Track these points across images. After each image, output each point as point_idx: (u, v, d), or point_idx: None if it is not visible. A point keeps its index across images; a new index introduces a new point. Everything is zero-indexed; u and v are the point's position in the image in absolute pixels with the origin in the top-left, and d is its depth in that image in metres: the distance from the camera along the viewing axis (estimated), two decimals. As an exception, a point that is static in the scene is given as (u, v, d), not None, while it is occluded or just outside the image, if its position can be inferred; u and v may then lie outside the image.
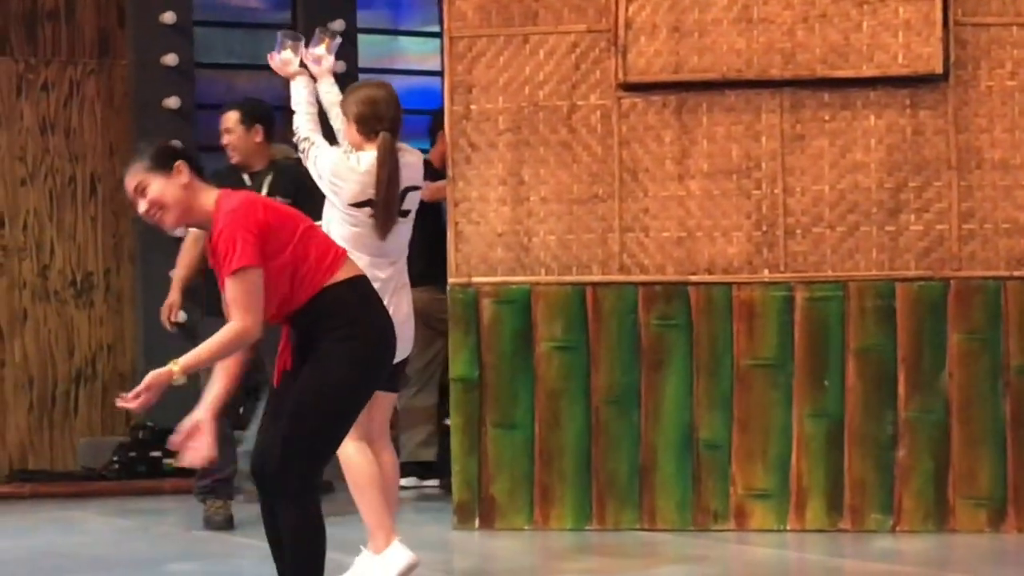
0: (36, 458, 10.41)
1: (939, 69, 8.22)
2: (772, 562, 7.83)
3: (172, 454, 9.91)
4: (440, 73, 9.17)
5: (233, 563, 7.81)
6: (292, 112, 7.13)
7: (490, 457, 8.37)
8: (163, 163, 5.68)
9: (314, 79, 7.24)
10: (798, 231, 8.36)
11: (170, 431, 10.01)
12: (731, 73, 8.35)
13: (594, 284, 8.36)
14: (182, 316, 8.93)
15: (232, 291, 5.54)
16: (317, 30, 7.40)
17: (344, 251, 5.92)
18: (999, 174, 8.26)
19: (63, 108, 10.61)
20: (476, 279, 8.41)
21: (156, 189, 5.66)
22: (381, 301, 5.97)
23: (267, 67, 11.17)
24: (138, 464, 10.11)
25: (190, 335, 8.04)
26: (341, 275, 5.78)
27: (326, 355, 5.70)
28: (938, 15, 8.19)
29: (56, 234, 10.58)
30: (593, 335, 8.37)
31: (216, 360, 5.67)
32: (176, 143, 6.57)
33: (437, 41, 10.93)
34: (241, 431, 9.38)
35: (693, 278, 8.39)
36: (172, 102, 10.77)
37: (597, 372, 8.34)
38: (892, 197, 8.31)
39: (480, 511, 8.43)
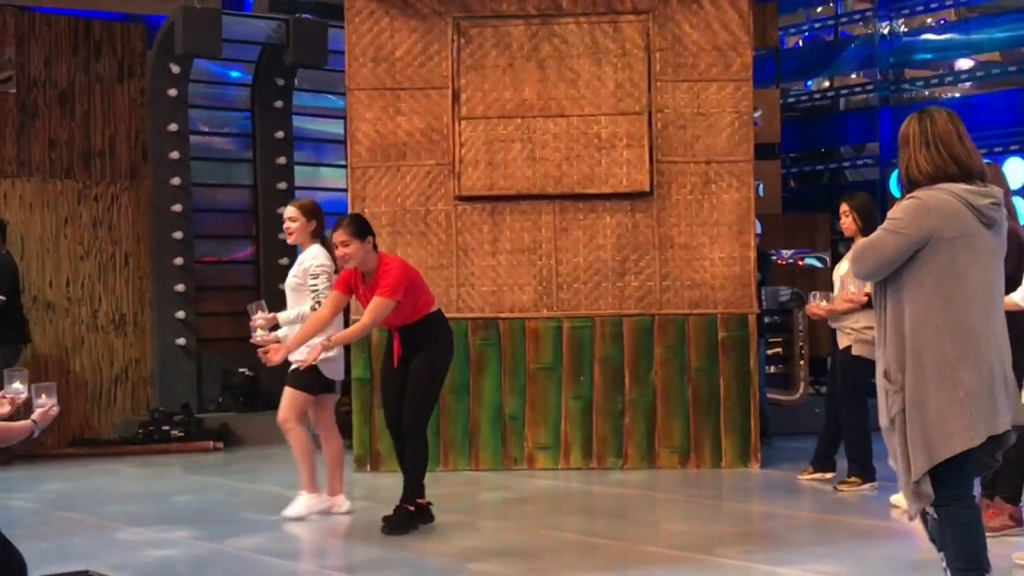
0: (90, 430, 10.24)
1: (647, 188, 8.32)
2: (550, 488, 7.85)
3: (178, 426, 9.95)
4: (345, 190, 9.21)
5: (216, 496, 7.72)
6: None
7: (376, 426, 8.28)
8: (362, 234, 6.27)
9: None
10: (564, 286, 8.40)
11: (175, 414, 10.10)
12: (523, 190, 8.39)
13: (441, 319, 8.41)
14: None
15: (377, 306, 6.23)
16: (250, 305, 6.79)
17: (432, 295, 6.58)
18: (684, 252, 8.35)
19: (107, 211, 10.43)
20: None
21: (353, 248, 6.26)
22: (447, 325, 6.54)
23: (236, 186, 11.23)
24: (154, 434, 9.94)
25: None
26: (434, 308, 6.46)
27: (428, 356, 6.36)
28: (647, 155, 8.30)
29: (103, 290, 10.40)
30: (440, 350, 8.40)
31: (358, 339, 6.84)
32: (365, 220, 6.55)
33: (343, 170, 10.93)
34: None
35: (502, 315, 8.41)
36: (177, 207, 10.62)
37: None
38: (620, 266, 8.38)
39: (370, 460, 8.41)
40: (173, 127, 10.63)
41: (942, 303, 3.84)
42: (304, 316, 6.66)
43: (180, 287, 10.60)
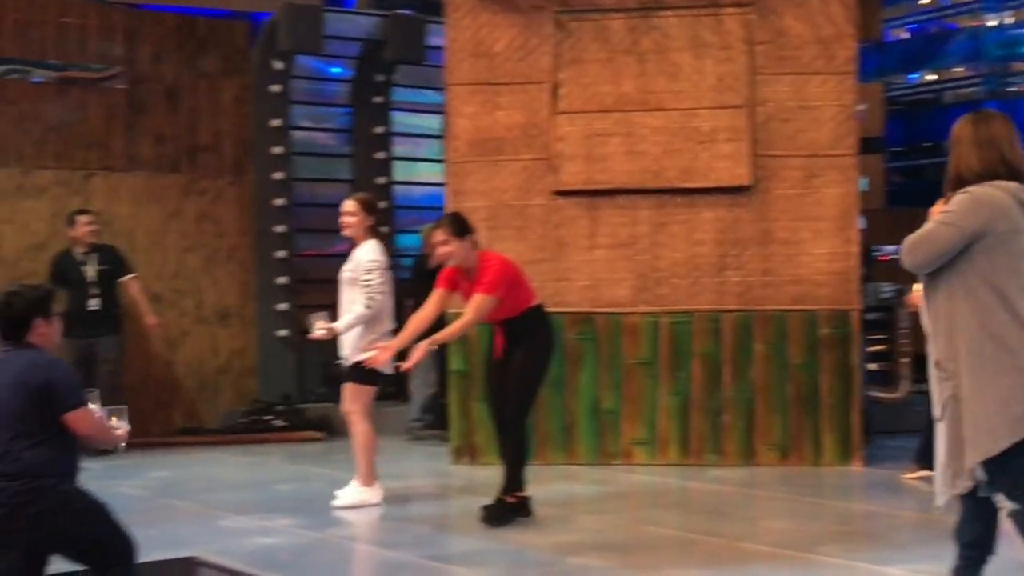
0: (195, 420, 10.41)
1: (748, 182, 8.22)
2: (647, 484, 7.80)
3: (280, 416, 10.10)
4: (443, 184, 9.25)
5: (317, 485, 7.78)
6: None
7: (474, 419, 8.36)
8: (461, 232, 6.30)
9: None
10: (663, 281, 8.33)
11: (276, 404, 10.23)
12: (621, 185, 8.34)
13: (538, 313, 8.39)
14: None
15: (476, 302, 6.22)
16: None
17: (534, 290, 6.54)
18: (784, 247, 8.24)
19: (212, 205, 10.57)
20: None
21: (453, 247, 6.29)
22: (549, 319, 6.53)
23: (336, 180, 11.37)
24: (256, 423, 10.10)
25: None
26: (535, 302, 6.42)
27: (529, 350, 6.34)
28: (747, 149, 8.21)
29: (207, 283, 10.54)
30: (538, 345, 8.39)
31: (453, 339, 6.55)
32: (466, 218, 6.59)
33: (441, 165, 10.97)
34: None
35: (599, 310, 8.37)
36: (280, 201, 10.77)
37: (540, 367, 8.31)
38: (720, 261, 8.29)
39: (468, 452, 8.46)
40: (276, 123, 10.78)
41: (998, 295, 3.93)
42: (361, 318, 6.73)
43: (282, 280, 10.74)
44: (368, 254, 6.82)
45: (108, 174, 10.15)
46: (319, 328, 6.78)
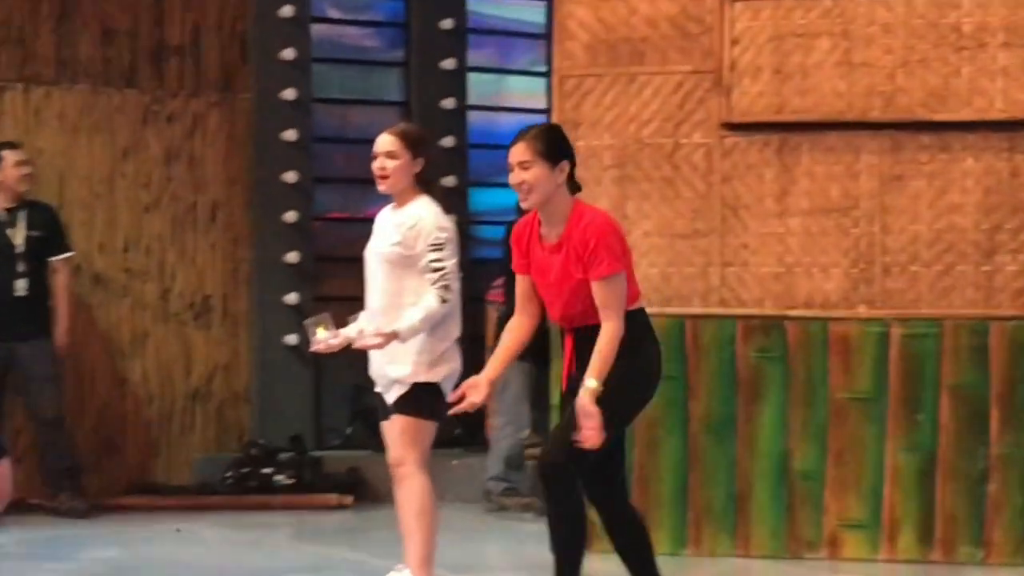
0: (154, 472, 10.44)
1: (1038, 115, 8.15)
2: (864, 591, 7.77)
3: (286, 468, 10.04)
4: (546, 111, 9.09)
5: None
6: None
7: (590, 482, 8.28)
8: (553, 155, 6.12)
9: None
10: (895, 269, 8.25)
11: (280, 449, 10.19)
12: (832, 115, 8.28)
13: (694, 316, 8.22)
14: None
15: (605, 292, 6.01)
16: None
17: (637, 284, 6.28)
18: (1093, 220, 8.17)
19: (187, 139, 10.57)
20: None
21: (536, 174, 6.09)
22: (654, 331, 6.26)
23: (379, 103, 11.29)
24: (250, 480, 10.17)
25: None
26: (637, 303, 6.20)
27: (621, 370, 5.98)
28: (1036, 61, 8.14)
29: (177, 259, 10.57)
30: (692, 366, 8.30)
31: (612, 362, 5.98)
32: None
33: (543, 80, 10.87)
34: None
35: (791, 312, 8.31)
36: (290, 135, 10.77)
37: (695, 401, 8.26)
38: (988, 238, 8.17)
39: (578, 533, 8.35)
40: (287, 11, 10.78)
41: None
42: (431, 317, 6.62)
43: (292, 256, 10.76)
44: (431, 218, 6.73)
45: (28, 88, 10.22)
46: (369, 336, 6.61)
